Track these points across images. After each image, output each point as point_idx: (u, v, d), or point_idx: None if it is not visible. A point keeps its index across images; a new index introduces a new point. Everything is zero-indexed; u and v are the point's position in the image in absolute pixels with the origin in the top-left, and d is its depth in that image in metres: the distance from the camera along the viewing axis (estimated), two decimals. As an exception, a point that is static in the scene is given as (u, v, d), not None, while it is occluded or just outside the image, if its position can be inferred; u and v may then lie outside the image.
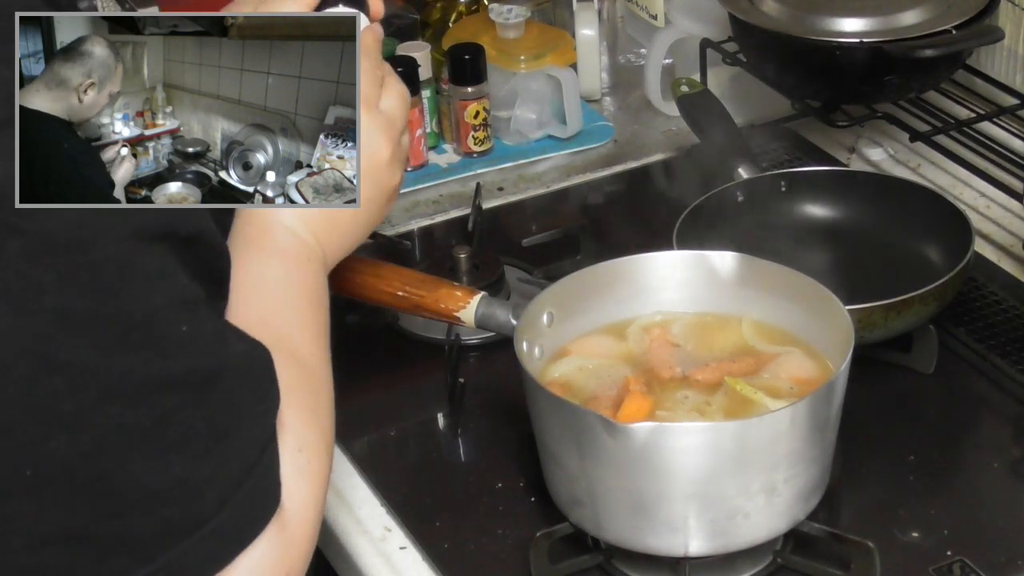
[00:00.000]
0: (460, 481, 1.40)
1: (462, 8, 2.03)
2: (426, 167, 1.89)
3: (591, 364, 1.32)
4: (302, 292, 1.09)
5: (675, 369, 1.31)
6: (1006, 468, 1.38)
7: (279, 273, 1.08)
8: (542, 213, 1.82)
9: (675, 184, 1.85)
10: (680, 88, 1.77)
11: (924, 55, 1.56)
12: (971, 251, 1.46)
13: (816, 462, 1.23)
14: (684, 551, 1.22)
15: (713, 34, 1.84)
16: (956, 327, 1.52)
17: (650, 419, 1.24)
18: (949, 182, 1.73)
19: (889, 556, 1.24)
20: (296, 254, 1.09)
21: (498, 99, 1.91)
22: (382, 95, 1.15)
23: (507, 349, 1.27)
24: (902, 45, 1.58)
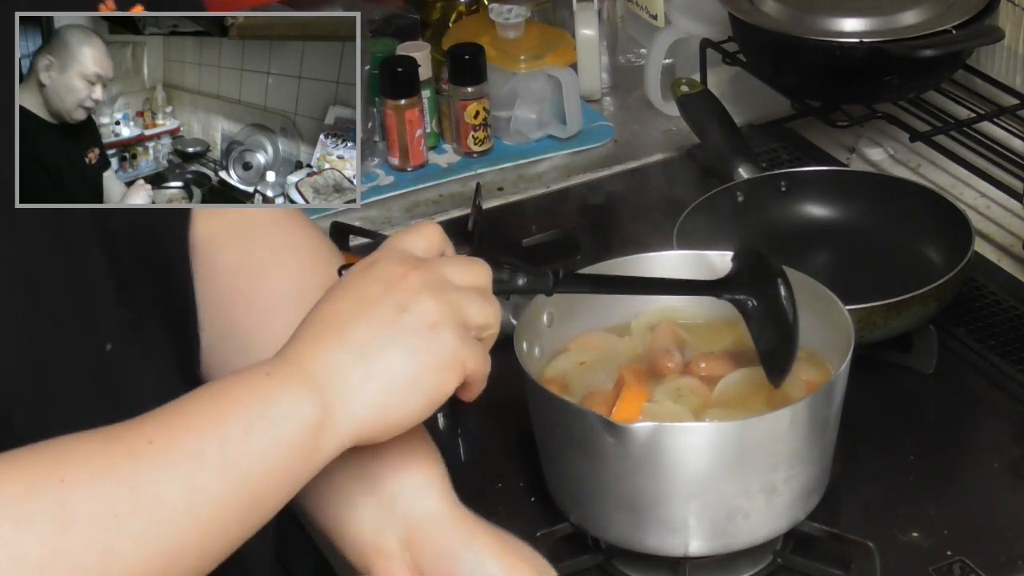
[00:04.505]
0: (460, 481, 1.39)
1: (462, 8, 2.03)
2: (426, 167, 1.89)
3: (587, 358, 1.32)
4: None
5: (675, 364, 1.31)
6: (1006, 468, 1.38)
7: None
8: (542, 213, 1.82)
9: (675, 184, 1.85)
10: (680, 88, 1.77)
11: (924, 55, 1.57)
12: (971, 251, 1.46)
13: (816, 462, 1.23)
14: (684, 551, 1.22)
15: (713, 34, 1.84)
16: (956, 327, 1.52)
17: (644, 410, 1.24)
18: (949, 182, 1.73)
19: (889, 556, 1.24)
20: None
21: (498, 99, 1.91)
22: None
23: (507, 349, 1.27)
24: (902, 45, 1.58)
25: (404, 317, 0.93)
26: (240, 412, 0.90)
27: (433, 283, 0.95)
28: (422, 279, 0.95)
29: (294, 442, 0.91)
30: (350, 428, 0.92)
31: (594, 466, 1.20)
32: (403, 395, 0.93)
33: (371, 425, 0.93)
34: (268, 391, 0.91)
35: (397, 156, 1.87)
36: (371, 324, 0.93)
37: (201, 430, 0.88)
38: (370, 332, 0.93)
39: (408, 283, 0.94)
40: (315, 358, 0.92)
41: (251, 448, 0.89)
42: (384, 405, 0.93)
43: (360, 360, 0.92)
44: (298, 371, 0.92)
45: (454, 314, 0.94)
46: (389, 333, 0.93)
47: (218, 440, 0.88)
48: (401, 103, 1.84)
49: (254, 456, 0.89)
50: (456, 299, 0.95)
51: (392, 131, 1.86)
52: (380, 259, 0.97)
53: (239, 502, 0.89)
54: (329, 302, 0.96)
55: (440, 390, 0.95)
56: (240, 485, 0.89)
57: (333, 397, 0.92)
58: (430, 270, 0.96)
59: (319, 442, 0.92)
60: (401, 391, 0.93)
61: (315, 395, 0.91)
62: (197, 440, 0.88)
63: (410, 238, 0.99)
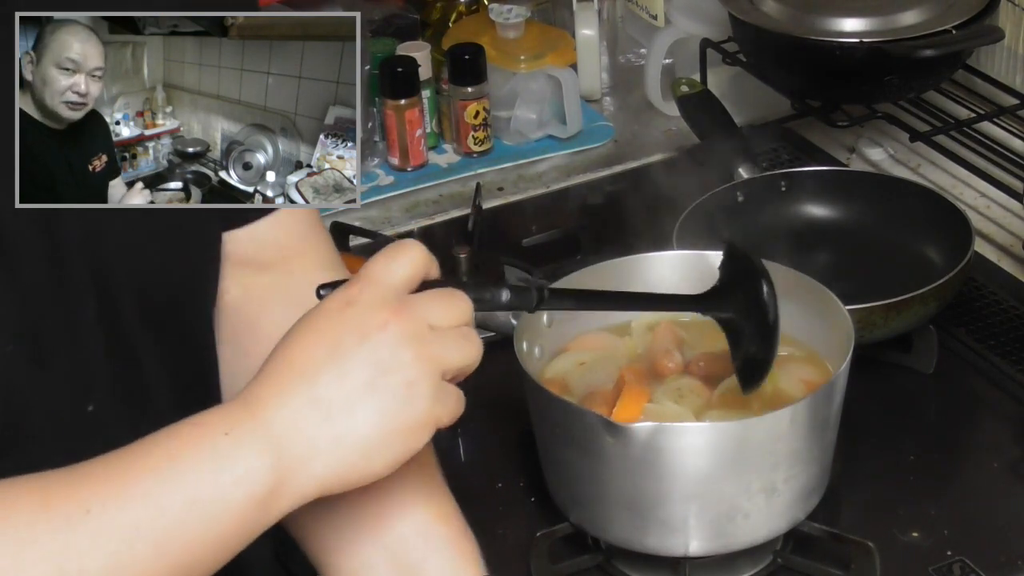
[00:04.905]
0: (460, 481, 1.39)
1: (462, 8, 2.03)
2: (426, 167, 1.88)
3: (587, 358, 1.32)
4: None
5: (675, 364, 1.31)
6: (1006, 468, 1.38)
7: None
8: (542, 213, 1.82)
9: (675, 184, 1.85)
10: (680, 88, 1.77)
11: (924, 55, 1.56)
12: (971, 251, 1.46)
13: (816, 462, 1.23)
14: (684, 551, 1.22)
15: (713, 34, 1.84)
16: (956, 327, 1.52)
17: (645, 410, 1.24)
18: (949, 182, 1.73)
19: (889, 556, 1.24)
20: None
21: (498, 99, 1.91)
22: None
23: (507, 349, 1.27)
24: (902, 45, 1.58)
25: (379, 378, 0.88)
26: (188, 478, 0.86)
27: (413, 334, 0.89)
28: (402, 330, 0.89)
29: (242, 509, 0.87)
30: (308, 488, 0.89)
31: (594, 466, 1.20)
32: (370, 457, 0.89)
33: (331, 484, 0.89)
34: (224, 454, 0.87)
35: (397, 156, 1.87)
36: (343, 380, 0.88)
37: (143, 499, 0.85)
38: (342, 391, 0.88)
39: (387, 336, 0.89)
40: (280, 413, 0.88)
41: (191, 520, 0.86)
42: (348, 465, 0.89)
43: (327, 421, 0.88)
44: (260, 429, 0.87)
45: (434, 367, 0.90)
46: (361, 393, 0.88)
47: (156, 512, 0.85)
48: (401, 103, 1.84)
49: (194, 529, 0.86)
50: (437, 350, 0.90)
51: (392, 131, 1.86)
52: (359, 299, 0.90)
53: (171, 570, 0.86)
54: (301, 344, 0.90)
55: (409, 449, 0.90)
56: (174, 556, 0.86)
57: (293, 461, 0.87)
58: (412, 317, 0.90)
59: (270, 507, 0.88)
60: (368, 453, 0.89)
61: (274, 460, 0.87)
62: (134, 511, 0.84)
63: (394, 266, 0.92)
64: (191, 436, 0.87)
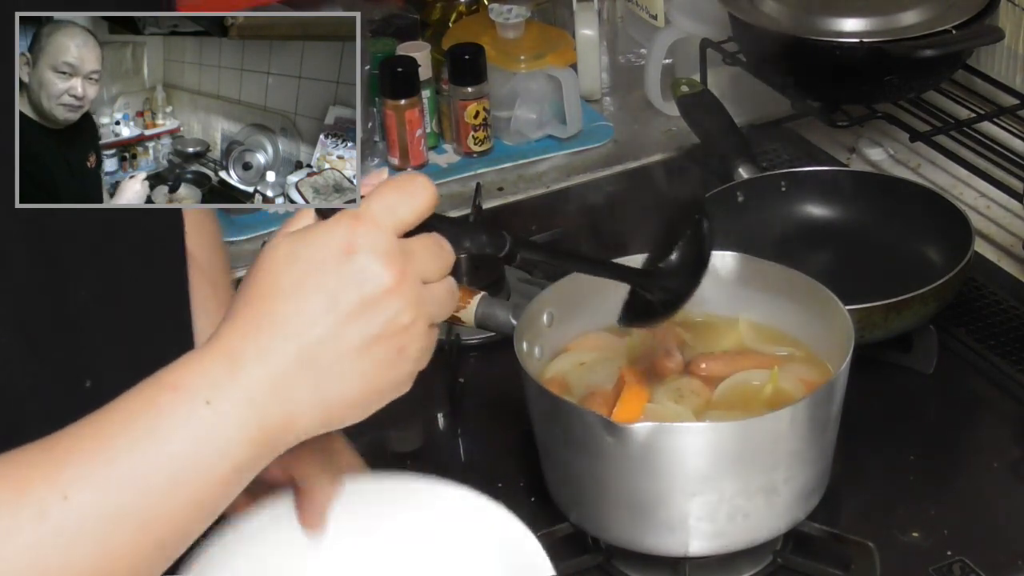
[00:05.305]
0: (460, 481, 1.39)
1: (462, 8, 2.03)
2: (426, 167, 1.89)
3: (587, 358, 1.32)
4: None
5: (675, 364, 1.31)
6: (1006, 468, 1.38)
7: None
8: (542, 213, 1.82)
9: (675, 184, 1.85)
10: (680, 88, 1.77)
11: (924, 55, 1.56)
12: (971, 251, 1.46)
13: (816, 462, 1.23)
14: (684, 551, 1.22)
15: (713, 34, 1.84)
16: (956, 327, 1.52)
17: (645, 410, 1.24)
18: (949, 182, 1.73)
19: (889, 556, 1.24)
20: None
21: (498, 99, 1.91)
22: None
23: (507, 349, 1.27)
24: (902, 45, 1.58)
25: (374, 344, 0.86)
26: (171, 455, 0.84)
27: (413, 299, 0.87)
28: (403, 295, 0.86)
29: (226, 478, 0.86)
30: (288, 444, 0.88)
31: (594, 466, 1.20)
32: (352, 411, 0.88)
33: (310, 435, 0.88)
34: (207, 427, 0.84)
35: (397, 156, 1.87)
36: (337, 343, 0.86)
37: (126, 480, 0.82)
38: (335, 355, 0.86)
39: (389, 301, 0.86)
40: (264, 373, 0.85)
41: (176, 496, 0.84)
42: (328, 420, 0.88)
43: (314, 385, 0.86)
44: (241, 393, 0.85)
45: (424, 326, 0.88)
46: (354, 357, 0.86)
47: (140, 494, 0.83)
48: (401, 103, 1.84)
49: (178, 503, 0.84)
50: (430, 310, 0.89)
51: (392, 131, 1.86)
52: (359, 246, 0.87)
53: (157, 543, 0.85)
54: (290, 291, 0.86)
55: (388, 400, 0.89)
56: (156, 533, 0.84)
57: (276, 429, 0.86)
58: (412, 279, 0.87)
59: (255, 466, 0.87)
60: (351, 409, 0.88)
61: (257, 433, 0.85)
62: (117, 495, 0.82)
63: (400, 211, 0.89)
64: (171, 405, 0.84)
